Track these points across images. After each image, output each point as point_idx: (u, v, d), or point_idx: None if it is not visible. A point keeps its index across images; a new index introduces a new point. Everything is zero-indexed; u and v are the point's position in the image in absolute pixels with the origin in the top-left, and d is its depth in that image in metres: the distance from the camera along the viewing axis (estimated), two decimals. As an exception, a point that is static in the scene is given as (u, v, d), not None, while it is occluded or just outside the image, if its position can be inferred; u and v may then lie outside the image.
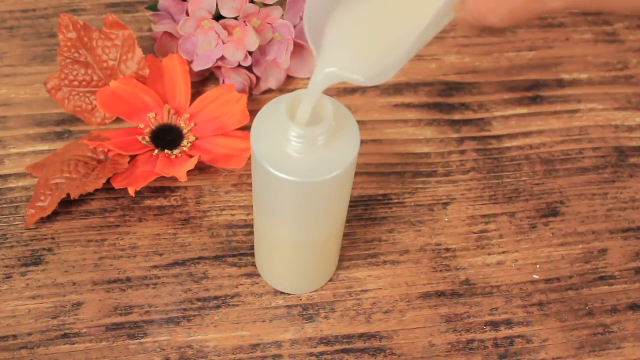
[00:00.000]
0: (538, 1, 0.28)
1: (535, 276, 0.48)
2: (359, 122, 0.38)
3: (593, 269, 0.49)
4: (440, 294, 0.47)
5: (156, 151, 0.50)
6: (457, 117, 0.55)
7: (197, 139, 0.51)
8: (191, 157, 0.50)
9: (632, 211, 0.51)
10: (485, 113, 0.56)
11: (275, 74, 0.55)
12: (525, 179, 0.52)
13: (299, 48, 0.54)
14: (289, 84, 0.56)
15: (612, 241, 0.50)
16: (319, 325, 0.45)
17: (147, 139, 0.51)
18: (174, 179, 0.50)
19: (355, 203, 0.50)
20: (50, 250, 0.47)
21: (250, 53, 0.53)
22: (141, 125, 0.51)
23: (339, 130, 0.37)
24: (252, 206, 0.49)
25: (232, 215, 0.49)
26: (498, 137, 0.54)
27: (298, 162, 0.36)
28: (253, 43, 0.52)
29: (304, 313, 0.46)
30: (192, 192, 0.50)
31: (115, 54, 0.52)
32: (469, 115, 0.55)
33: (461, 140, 0.54)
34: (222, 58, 0.53)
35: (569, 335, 0.46)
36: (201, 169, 0.51)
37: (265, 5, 0.52)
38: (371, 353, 0.45)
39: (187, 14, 0.52)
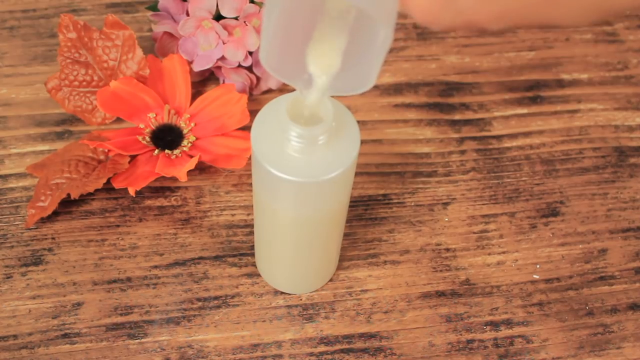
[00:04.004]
0: (478, 25, 0.29)
1: (535, 276, 0.48)
2: (359, 122, 0.38)
3: (593, 269, 0.49)
4: (440, 294, 0.47)
5: (156, 151, 0.50)
6: (457, 117, 0.55)
7: (197, 138, 0.51)
8: (191, 157, 0.50)
9: (632, 211, 0.51)
10: (485, 113, 0.56)
11: (275, 73, 0.55)
12: (525, 179, 0.52)
13: (299, 48, 0.54)
14: (289, 84, 0.56)
15: (612, 241, 0.50)
16: (319, 325, 0.46)
17: (147, 138, 0.51)
18: (174, 179, 0.50)
19: (355, 203, 0.50)
20: (50, 250, 0.47)
21: (250, 53, 0.53)
22: (141, 125, 0.51)
23: (339, 130, 0.37)
24: (252, 206, 0.50)
25: (232, 215, 0.49)
26: (498, 137, 0.54)
27: (298, 162, 0.36)
28: (253, 43, 0.52)
29: (304, 313, 0.46)
30: (192, 192, 0.50)
31: (115, 54, 0.52)
32: (469, 115, 0.55)
33: (461, 140, 0.54)
34: (222, 58, 0.53)
35: (569, 335, 0.46)
36: (201, 168, 0.51)
37: (265, 5, 0.52)
38: (371, 353, 0.45)
39: (187, 14, 0.52)
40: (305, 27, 0.32)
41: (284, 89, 0.56)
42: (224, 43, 0.52)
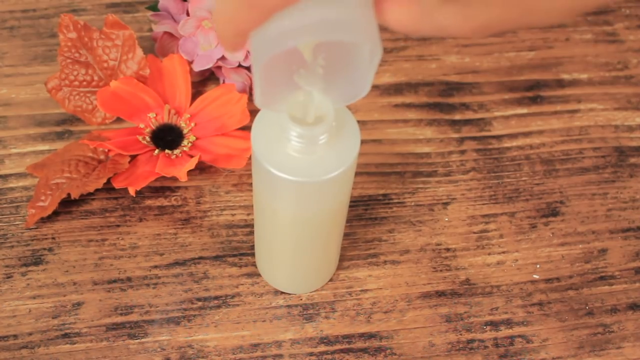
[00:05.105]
0: (458, 36, 0.29)
1: (535, 276, 0.48)
2: (359, 122, 0.38)
3: (593, 269, 0.49)
4: (440, 294, 0.47)
5: (156, 151, 0.50)
6: (457, 117, 0.55)
7: (197, 138, 0.51)
8: (191, 156, 0.50)
9: (632, 211, 0.51)
10: (485, 113, 0.56)
11: (276, 73, 0.55)
12: (525, 179, 0.52)
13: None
14: (289, 83, 0.56)
15: (612, 241, 0.50)
16: (319, 324, 0.46)
17: (148, 138, 0.51)
18: (174, 179, 0.50)
19: (355, 203, 0.50)
20: (50, 250, 0.47)
21: (251, 53, 0.53)
22: (141, 125, 0.51)
23: (339, 130, 0.37)
24: (252, 206, 0.50)
25: (232, 215, 0.49)
26: (498, 137, 0.54)
27: (298, 162, 0.36)
28: (253, 43, 0.51)
29: (304, 313, 0.46)
30: (192, 191, 0.50)
31: (115, 53, 0.52)
32: (469, 115, 0.55)
33: (461, 140, 0.54)
34: (222, 58, 0.53)
35: (568, 335, 0.46)
36: (201, 168, 0.51)
37: (266, 5, 0.52)
38: (371, 353, 0.45)
39: (187, 14, 0.52)
40: (289, 62, 0.33)
41: (284, 89, 0.55)
42: (224, 43, 0.52)
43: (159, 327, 0.45)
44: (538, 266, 0.49)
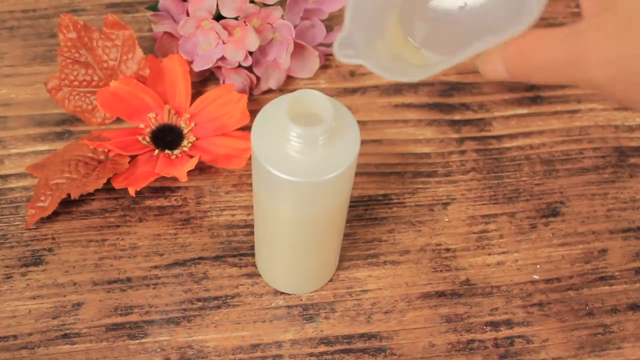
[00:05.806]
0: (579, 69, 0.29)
1: (535, 276, 0.48)
2: (359, 122, 0.38)
3: (593, 269, 0.49)
4: (440, 294, 0.47)
5: (156, 151, 0.50)
6: (457, 117, 0.55)
7: (197, 138, 0.51)
8: (191, 157, 0.50)
9: (632, 211, 0.51)
10: (485, 113, 0.56)
11: (275, 74, 0.55)
12: (525, 179, 0.52)
13: (299, 48, 0.54)
14: (289, 84, 0.56)
15: (612, 241, 0.50)
16: (319, 325, 0.45)
17: (147, 139, 0.51)
18: (174, 179, 0.50)
19: (355, 203, 0.50)
20: (50, 250, 0.47)
21: (250, 53, 0.53)
22: (141, 125, 0.51)
23: (339, 130, 0.37)
24: (252, 206, 0.50)
25: (232, 215, 0.49)
26: (498, 137, 0.54)
27: (298, 162, 0.36)
28: (253, 43, 0.52)
29: (304, 313, 0.46)
30: (192, 192, 0.50)
31: (115, 54, 0.52)
32: (469, 115, 0.55)
33: (461, 140, 0.54)
34: (222, 58, 0.53)
35: (569, 335, 0.46)
36: (201, 169, 0.51)
37: (265, 5, 0.52)
38: (371, 353, 0.45)
39: (187, 14, 0.52)
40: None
41: (284, 89, 0.56)
42: (224, 43, 0.52)
43: (159, 327, 0.45)
44: (538, 266, 0.49)
